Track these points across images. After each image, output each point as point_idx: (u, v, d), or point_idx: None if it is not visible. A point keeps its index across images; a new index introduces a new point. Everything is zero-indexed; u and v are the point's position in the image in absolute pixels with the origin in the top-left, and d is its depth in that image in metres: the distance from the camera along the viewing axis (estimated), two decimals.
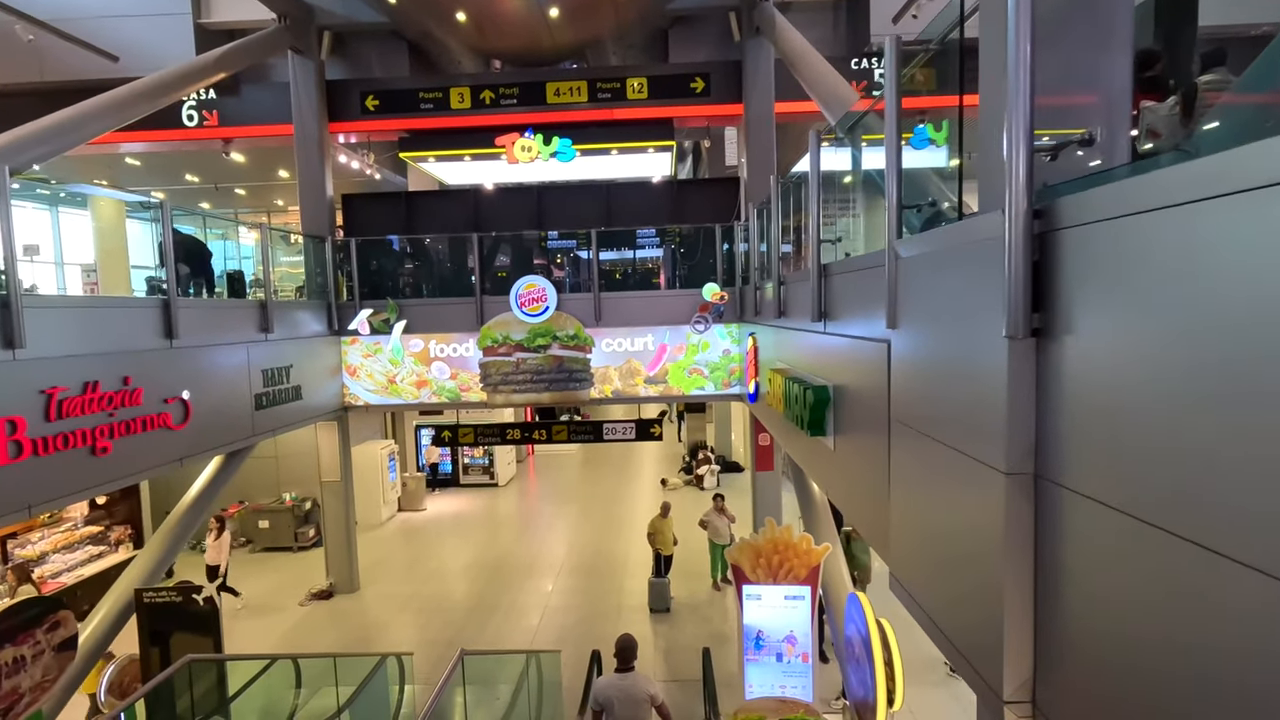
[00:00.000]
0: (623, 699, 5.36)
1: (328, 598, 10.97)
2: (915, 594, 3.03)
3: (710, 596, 10.75)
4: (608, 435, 11.05)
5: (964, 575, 2.53)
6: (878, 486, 3.62)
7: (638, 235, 10.91)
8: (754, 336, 8.56)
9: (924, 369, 2.93)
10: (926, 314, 2.94)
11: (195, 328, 7.35)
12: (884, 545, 3.58)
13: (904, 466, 3.20)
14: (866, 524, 3.94)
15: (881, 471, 3.52)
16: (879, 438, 3.56)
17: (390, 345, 10.37)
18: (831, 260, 4.98)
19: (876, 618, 4.73)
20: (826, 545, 6.39)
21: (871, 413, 3.72)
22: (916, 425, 2.99)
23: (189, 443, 7.04)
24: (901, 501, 3.24)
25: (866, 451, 3.85)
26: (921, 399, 2.97)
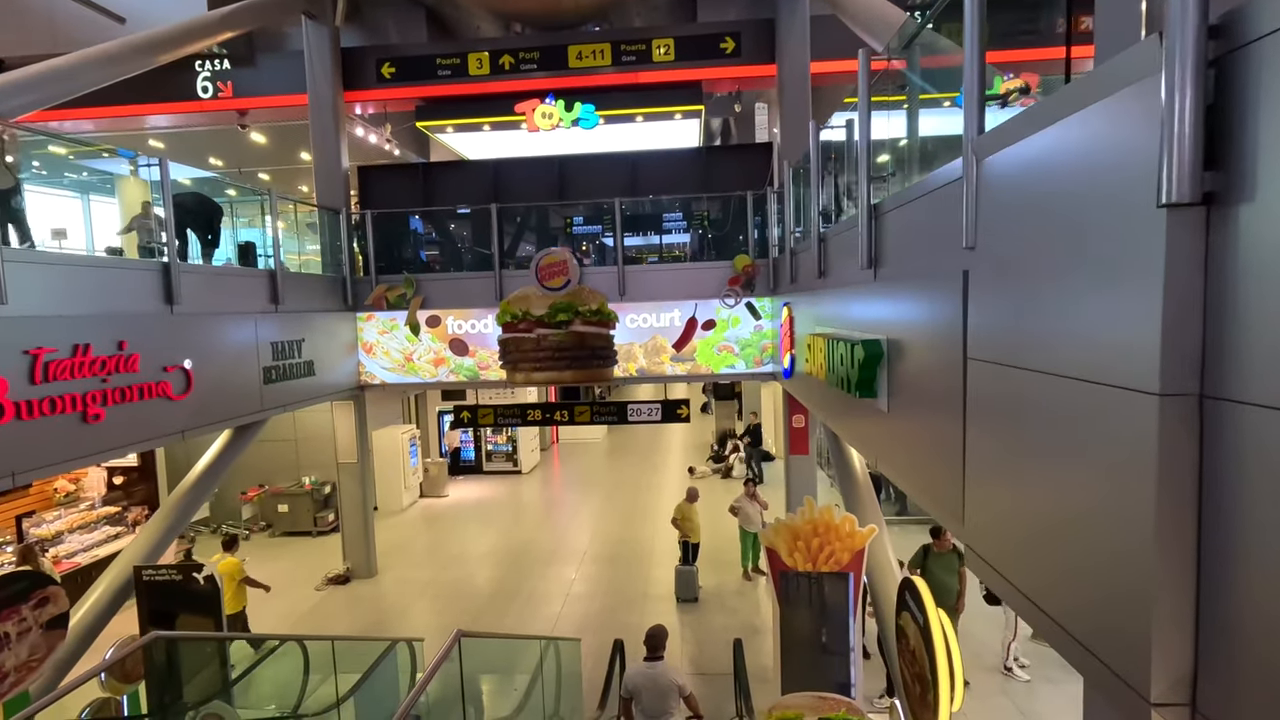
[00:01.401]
0: (650, 688, 5.29)
1: (344, 583, 10.66)
2: (1007, 570, 2.45)
3: (740, 586, 10.18)
4: (632, 416, 10.53)
5: (1087, 541, 1.94)
6: (947, 444, 3.03)
7: (664, 207, 10.36)
8: (789, 307, 7.96)
9: (1023, 285, 2.34)
10: (1024, 217, 2.35)
11: (199, 294, 7.00)
12: (956, 516, 3.00)
13: (988, 413, 2.62)
14: (931, 493, 3.35)
15: (953, 425, 2.94)
16: (949, 385, 2.97)
17: (407, 322, 9.97)
18: (882, 199, 4.37)
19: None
20: (872, 527, 5.79)
21: (939, 359, 3.13)
22: (1008, 358, 2.41)
23: (191, 414, 6.69)
24: (984, 456, 2.65)
25: (932, 405, 3.26)
26: (1016, 326, 2.38)
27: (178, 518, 7.43)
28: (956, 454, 2.92)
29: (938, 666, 3.85)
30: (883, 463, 4.38)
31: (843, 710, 5.61)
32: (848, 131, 5.35)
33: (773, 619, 8.86)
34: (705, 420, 23.03)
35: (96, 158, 12.39)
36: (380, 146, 12.37)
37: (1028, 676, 7.17)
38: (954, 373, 2.91)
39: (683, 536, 10.03)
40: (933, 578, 6.88)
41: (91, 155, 12.39)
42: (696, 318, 9.85)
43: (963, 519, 2.92)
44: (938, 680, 3.85)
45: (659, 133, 11.19)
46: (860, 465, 6.81)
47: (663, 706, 5.27)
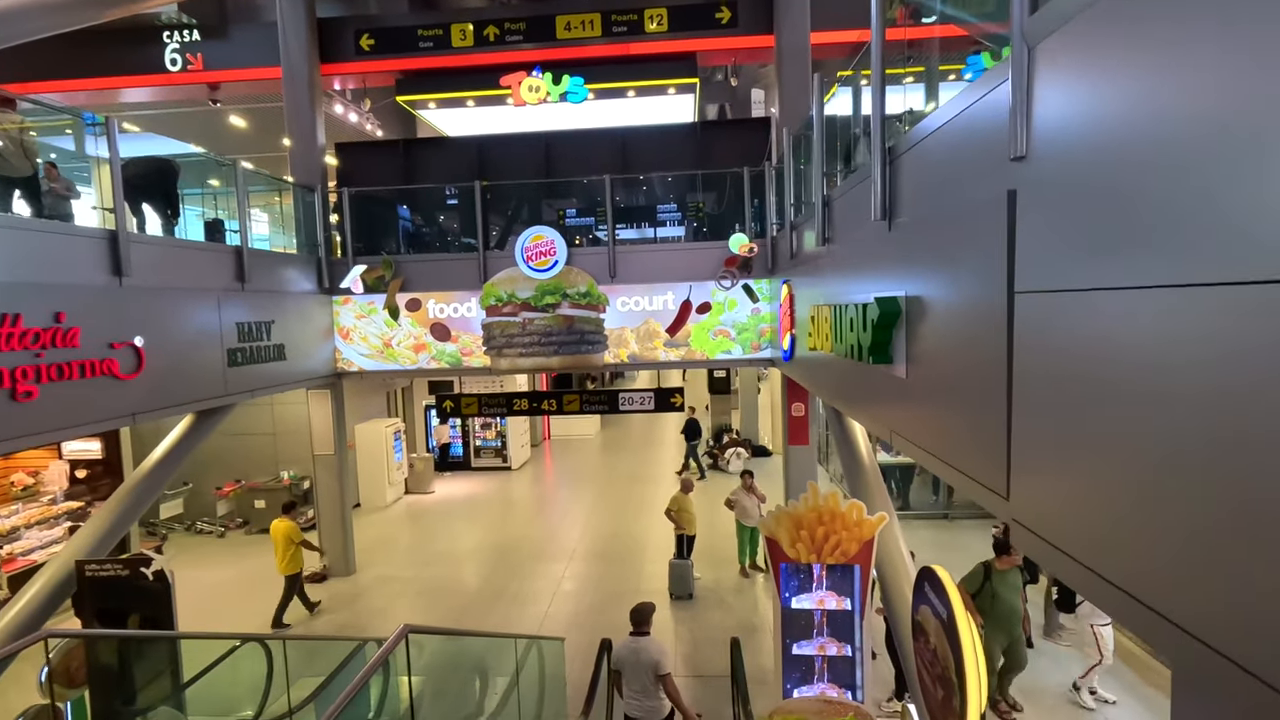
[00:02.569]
0: (632, 663, 5.28)
1: (320, 581, 10.13)
2: (1082, 552, 1.96)
3: (738, 583, 9.68)
4: (624, 405, 10.03)
5: (1209, 504, 1.45)
6: (986, 403, 2.55)
7: (656, 197, 9.88)
8: (789, 285, 7.48)
9: (1116, 181, 1.84)
10: (1105, 101, 1.86)
11: (153, 267, 6.48)
12: (996, 489, 2.51)
13: (1046, 356, 2.13)
14: (963, 465, 2.87)
15: (994, 380, 2.46)
16: (989, 333, 2.50)
17: (385, 305, 9.45)
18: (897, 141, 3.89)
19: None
20: (882, 515, 5.30)
21: (975, 304, 2.66)
22: (1082, 280, 1.92)
23: (144, 396, 6.16)
24: (1041, 411, 2.17)
25: (965, 361, 2.77)
26: (1100, 235, 1.89)
27: (130, 507, 6.89)
28: (999, 414, 2.44)
29: (965, 667, 3.36)
30: (900, 438, 3.89)
31: (850, 715, 5.12)
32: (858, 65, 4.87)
33: (773, 616, 8.39)
34: (699, 416, 22.52)
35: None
36: (361, 127, 11.85)
37: (1094, 705, 6.34)
38: (995, 316, 2.43)
39: (678, 529, 9.53)
40: (998, 602, 6.08)
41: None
42: (691, 301, 9.36)
43: (1007, 492, 2.43)
44: (965, 682, 3.36)
45: (652, 108, 10.70)
46: (866, 449, 6.33)
47: (644, 683, 5.21)
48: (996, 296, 2.41)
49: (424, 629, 3.11)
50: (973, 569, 6.36)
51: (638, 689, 5.24)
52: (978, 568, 6.32)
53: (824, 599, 5.38)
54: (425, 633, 3.15)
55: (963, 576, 6.19)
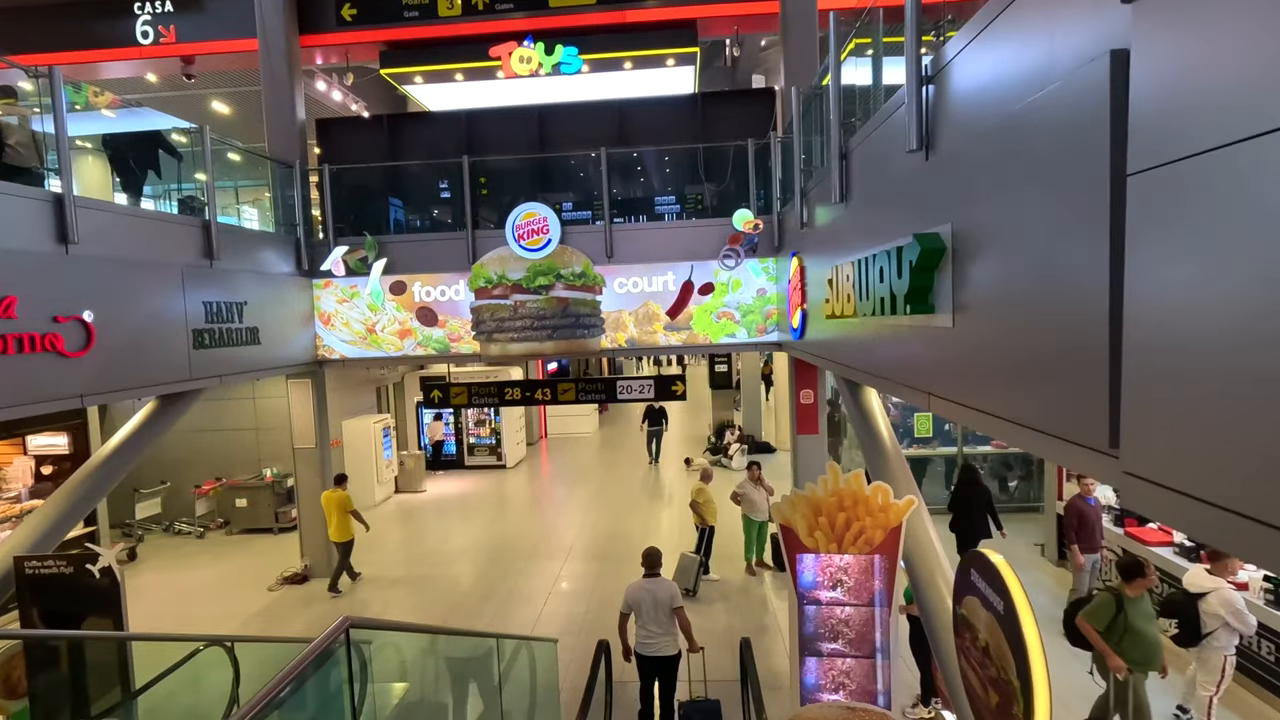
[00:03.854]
0: (649, 601, 5.73)
1: (301, 582, 9.55)
2: (1238, 498, 1.41)
3: (745, 581, 9.12)
4: (622, 393, 9.47)
5: None
6: (1077, 336, 2.02)
7: (656, 156, 9.35)
8: (799, 257, 6.95)
9: None
10: None
11: (105, 235, 5.94)
12: (1096, 440, 1.97)
13: (1176, 240, 1.59)
14: (1038, 417, 2.33)
15: (1090, 297, 1.92)
16: (1082, 240, 1.97)
17: (369, 288, 8.91)
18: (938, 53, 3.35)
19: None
20: (910, 499, 4.75)
21: (1059, 214, 2.12)
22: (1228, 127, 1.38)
23: (94, 376, 5.61)
24: (1179, 315, 1.62)
25: (1045, 287, 2.23)
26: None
27: (82, 499, 6.32)
28: (1098, 348, 1.90)
29: (1032, 668, 2.80)
30: (943, 401, 3.35)
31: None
32: None
33: (787, 615, 7.84)
34: (701, 413, 22.01)
35: None
36: (346, 107, 11.32)
37: None
38: (1093, 214, 1.89)
39: (700, 522, 9.00)
40: (1138, 637, 5.07)
41: None
42: (693, 281, 8.83)
43: (1112, 442, 1.89)
44: (1032, 687, 2.80)
45: (649, 81, 10.18)
46: (887, 429, 5.78)
47: (660, 619, 5.70)
48: (1095, 188, 1.88)
49: (369, 623, 2.57)
50: (1098, 599, 5.22)
51: (653, 626, 5.71)
52: (1105, 597, 5.19)
53: (846, 594, 4.83)
54: (370, 627, 2.62)
55: (1086, 609, 5.27)
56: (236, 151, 8.95)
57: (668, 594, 5.74)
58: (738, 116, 9.40)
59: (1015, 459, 11.70)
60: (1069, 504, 7.51)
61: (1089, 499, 7.36)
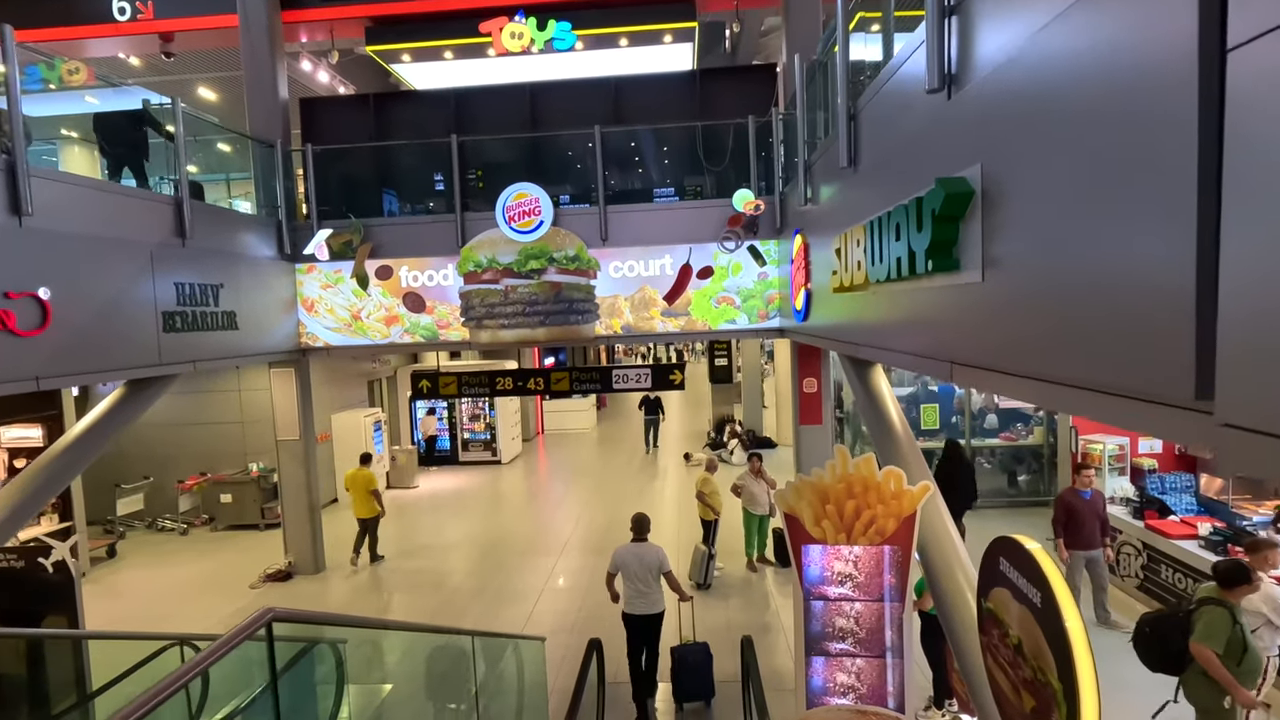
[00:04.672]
0: (636, 564, 6.04)
1: (285, 579, 9.19)
2: None
3: (746, 578, 8.76)
4: (618, 384, 9.12)
5: None
6: (1149, 265, 1.67)
7: (653, 135, 8.99)
8: (802, 234, 6.59)
9: None
10: None
11: (64, 208, 5.57)
12: (1180, 393, 1.61)
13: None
14: (1098, 375, 1.97)
15: (1174, 216, 1.56)
16: (1154, 159, 1.62)
17: (353, 273, 8.54)
18: None
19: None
20: (925, 485, 4.39)
21: (1112, 133, 1.76)
22: None
23: (50, 358, 5.25)
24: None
25: (1104, 219, 1.87)
26: None
27: (40, 488, 5.94)
28: (1182, 279, 1.54)
29: (1078, 668, 2.44)
30: (969, 369, 2.99)
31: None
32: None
33: (791, 612, 7.47)
34: (701, 408, 21.66)
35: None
36: (334, 89, 10.95)
37: None
38: (1178, 109, 1.53)
39: (707, 513, 8.66)
40: (1253, 658, 4.26)
41: None
42: (691, 265, 8.46)
43: (1210, 387, 1.52)
44: (1078, 690, 2.44)
45: (646, 59, 9.81)
46: (897, 413, 5.42)
47: (647, 579, 6.01)
48: (1183, 64, 1.51)
49: (293, 615, 2.22)
50: (1209, 615, 4.23)
51: (641, 586, 6.02)
52: (1218, 614, 4.21)
53: (856, 588, 4.47)
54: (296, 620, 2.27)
55: (1199, 632, 4.32)
56: (213, 129, 8.58)
57: (655, 558, 6.05)
58: (738, 94, 9.03)
59: (1025, 452, 11.34)
60: (1058, 498, 7.04)
61: (1084, 492, 6.78)
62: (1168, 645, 4.44)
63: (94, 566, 9.90)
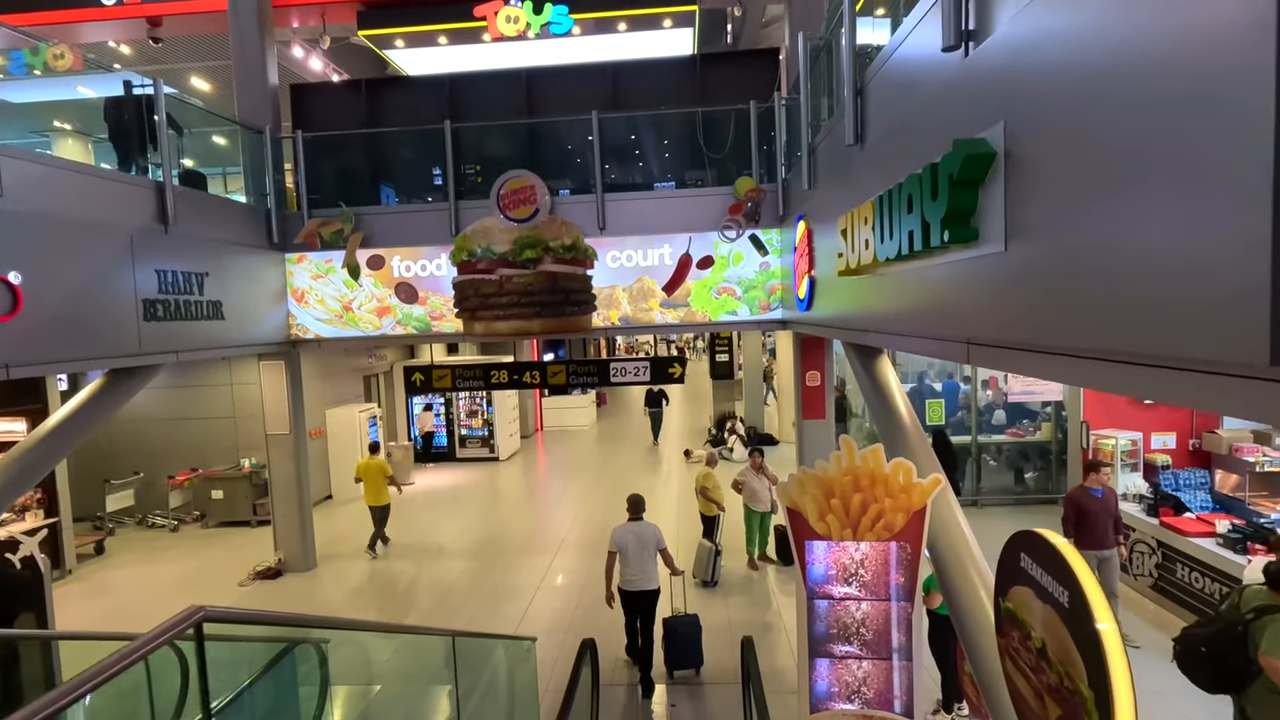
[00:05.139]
0: (636, 542, 6.27)
1: (274, 577, 8.98)
2: None
3: (747, 576, 8.54)
4: (616, 376, 8.89)
5: None
6: (1212, 215, 1.44)
7: (651, 122, 8.76)
8: (805, 221, 6.36)
9: None
10: None
11: (36, 189, 5.36)
12: (1254, 356, 1.38)
13: None
14: (1146, 341, 1.74)
15: (1251, 149, 1.33)
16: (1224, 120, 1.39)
17: (344, 263, 8.32)
18: None
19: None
20: (936, 478, 4.16)
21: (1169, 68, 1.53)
22: None
23: (21, 344, 5.03)
24: None
25: (1152, 171, 1.64)
26: None
27: (17, 477, 5.74)
28: (1259, 219, 1.32)
29: (1111, 672, 2.20)
30: (985, 349, 2.77)
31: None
32: None
33: (793, 613, 7.25)
34: (702, 405, 21.44)
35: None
36: (326, 76, 10.73)
37: None
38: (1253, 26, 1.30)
39: (710, 509, 8.43)
40: None
41: None
42: (691, 254, 8.24)
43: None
44: (1111, 694, 2.21)
45: (645, 44, 9.58)
46: (904, 403, 5.19)
47: (645, 557, 6.26)
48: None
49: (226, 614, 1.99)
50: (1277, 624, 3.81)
51: (638, 564, 6.25)
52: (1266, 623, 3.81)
53: (862, 587, 4.25)
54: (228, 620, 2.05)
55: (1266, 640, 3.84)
56: (200, 114, 8.35)
57: (652, 536, 6.32)
58: (739, 80, 8.80)
59: (1032, 449, 11.10)
60: (1067, 496, 6.70)
61: (1095, 490, 6.45)
62: (1227, 661, 4.01)
63: (81, 563, 9.70)
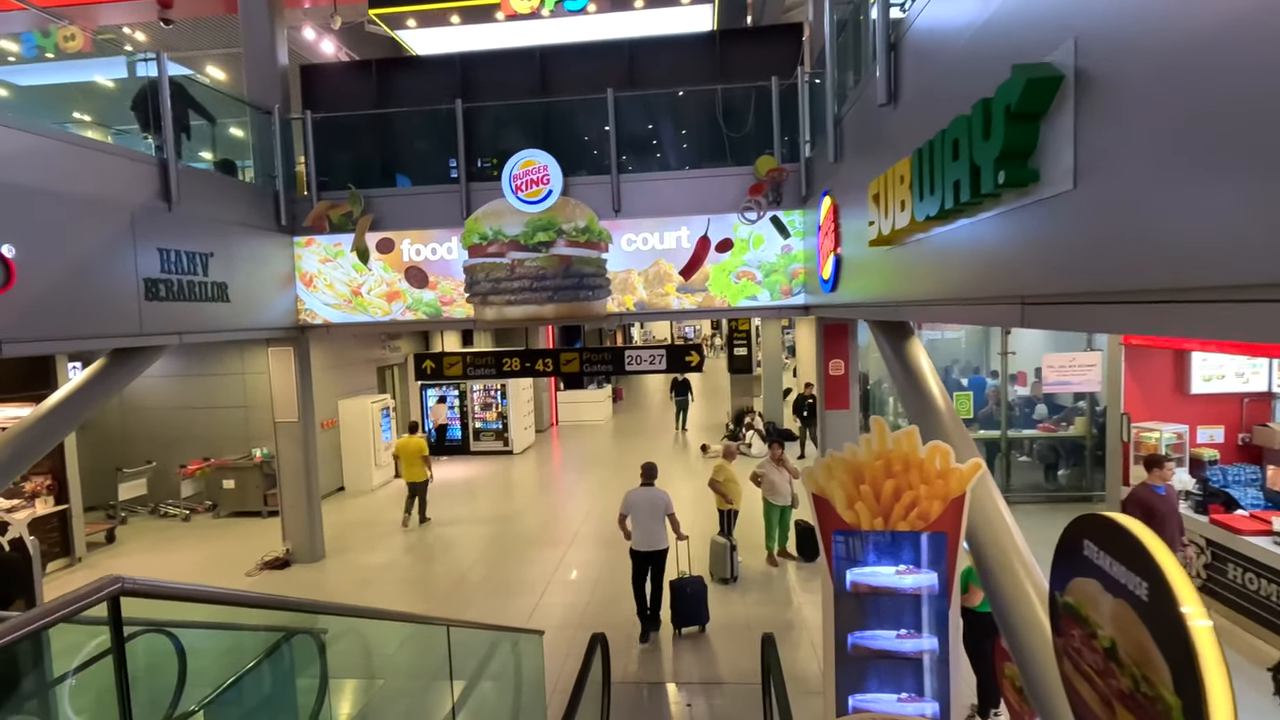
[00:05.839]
0: (645, 505, 6.70)
1: (282, 567, 8.81)
2: None
3: (766, 573, 8.20)
4: (631, 365, 8.60)
5: None
6: None
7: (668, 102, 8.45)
8: (831, 196, 6.02)
9: None
10: None
11: (30, 161, 5.19)
12: None
13: None
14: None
15: None
16: None
17: (354, 246, 8.12)
18: None
19: None
20: (976, 462, 3.82)
21: None
22: None
23: (15, 321, 4.86)
24: None
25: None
26: None
27: (10, 458, 5.58)
28: None
29: (1205, 676, 1.86)
30: (1043, 307, 2.44)
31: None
32: None
33: (816, 609, 6.95)
34: (720, 400, 21.10)
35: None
36: (339, 59, 10.55)
37: None
38: None
39: (723, 503, 8.10)
40: None
41: None
42: (709, 237, 7.92)
43: None
44: (1205, 702, 1.87)
45: (662, 21, 9.26)
46: (938, 386, 4.84)
47: (654, 519, 6.66)
48: None
49: (149, 587, 1.72)
50: None
51: (648, 524, 6.64)
52: None
53: (896, 577, 3.91)
54: (149, 595, 1.77)
55: None
56: (203, 89, 8.16)
57: (662, 501, 6.72)
58: (760, 57, 8.46)
59: (1063, 444, 10.63)
60: (1131, 495, 6.20)
61: (1158, 488, 6.02)
62: None
63: (91, 551, 9.62)
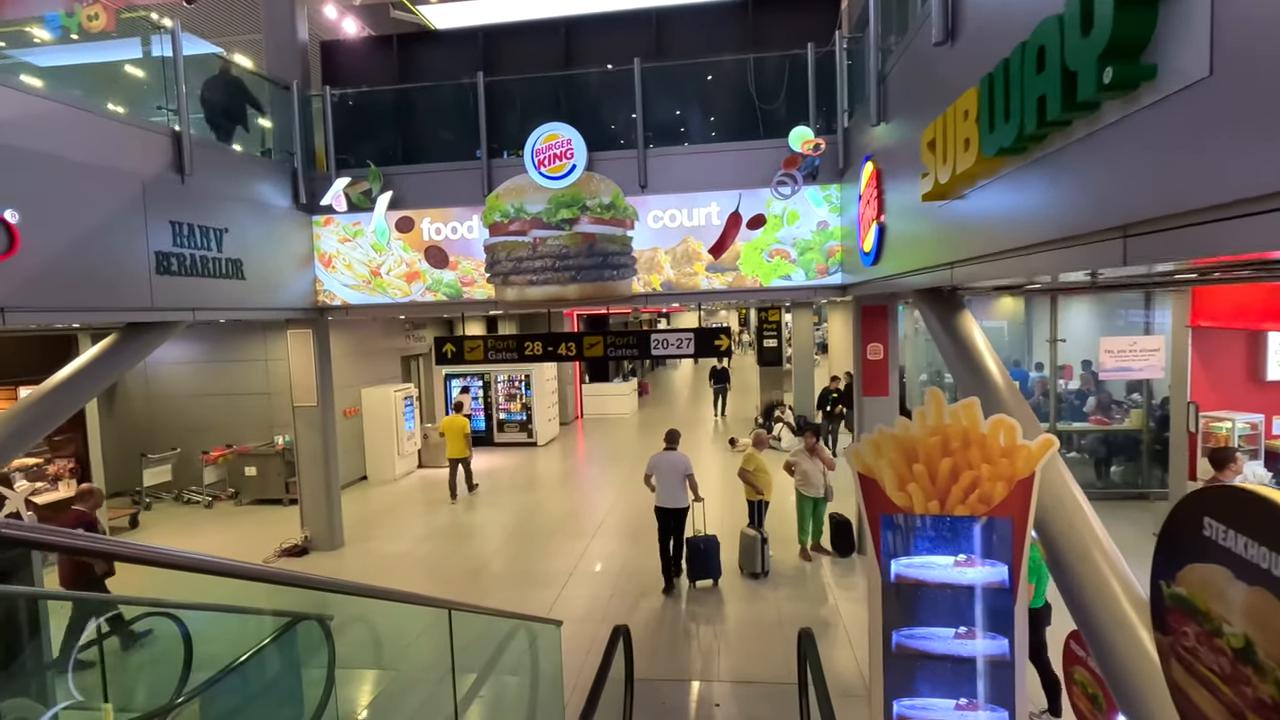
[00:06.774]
0: (666, 468, 7.13)
1: (300, 554, 8.64)
2: None
3: (799, 568, 7.78)
4: (657, 348, 8.23)
5: None
6: None
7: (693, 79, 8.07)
8: (873, 161, 5.59)
9: None
10: None
11: (36, 126, 5.01)
12: None
13: None
14: None
15: None
16: None
17: (373, 223, 7.90)
18: None
19: None
20: (1048, 438, 3.37)
21: None
22: None
23: (16, 287, 4.69)
24: None
25: None
26: None
27: (15, 432, 5.42)
28: None
29: None
30: (1156, 236, 2.02)
31: None
32: None
33: (855, 606, 6.54)
34: (748, 394, 20.63)
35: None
36: (361, 37, 10.37)
37: None
38: None
39: (753, 494, 7.69)
40: None
41: None
42: (741, 213, 7.51)
43: None
44: None
45: None
46: (995, 360, 4.39)
47: (675, 481, 7.11)
48: None
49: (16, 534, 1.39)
50: None
51: (669, 485, 7.13)
52: None
53: (957, 567, 3.49)
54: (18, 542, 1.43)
55: None
56: (215, 57, 8.01)
57: (682, 463, 7.16)
58: (794, 25, 8.07)
59: (1116, 438, 10.00)
60: None
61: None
62: None
63: (114, 535, 9.56)
